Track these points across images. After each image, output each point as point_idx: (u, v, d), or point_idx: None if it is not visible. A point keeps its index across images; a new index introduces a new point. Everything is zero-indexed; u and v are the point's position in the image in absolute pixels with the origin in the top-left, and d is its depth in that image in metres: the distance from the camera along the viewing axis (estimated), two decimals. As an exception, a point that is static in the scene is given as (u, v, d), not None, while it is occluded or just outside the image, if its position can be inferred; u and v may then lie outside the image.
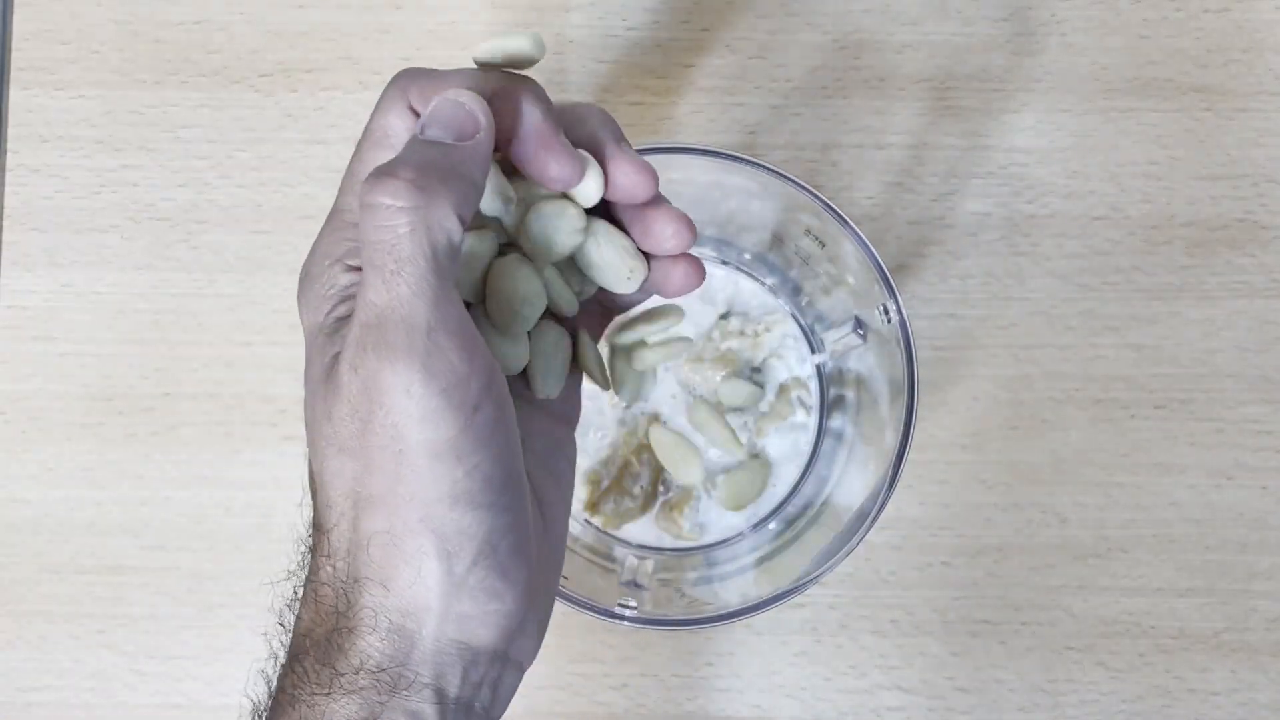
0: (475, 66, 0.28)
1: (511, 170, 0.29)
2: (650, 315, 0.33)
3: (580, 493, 0.42)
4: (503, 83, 0.28)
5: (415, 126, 0.27)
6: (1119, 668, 0.44)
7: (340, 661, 0.25)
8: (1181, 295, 0.45)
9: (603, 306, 0.31)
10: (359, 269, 0.27)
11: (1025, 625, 0.44)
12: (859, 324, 0.38)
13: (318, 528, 0.27)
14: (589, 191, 0.28)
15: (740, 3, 0.45)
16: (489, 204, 0.28)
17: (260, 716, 0.27)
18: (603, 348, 0.33)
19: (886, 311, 0.35)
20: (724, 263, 0.43)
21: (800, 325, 0.42)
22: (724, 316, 0.43)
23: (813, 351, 0.42)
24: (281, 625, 0.28)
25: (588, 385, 0.31)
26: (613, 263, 0.29)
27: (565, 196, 0.29)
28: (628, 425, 0.42)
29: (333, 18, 0.45)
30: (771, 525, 0.42)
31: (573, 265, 0.30)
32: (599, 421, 0.42)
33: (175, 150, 0.45)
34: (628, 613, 0.35)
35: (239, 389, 0.45)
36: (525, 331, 0.29)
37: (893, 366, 0.36)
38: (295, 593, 0.27)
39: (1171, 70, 0.45)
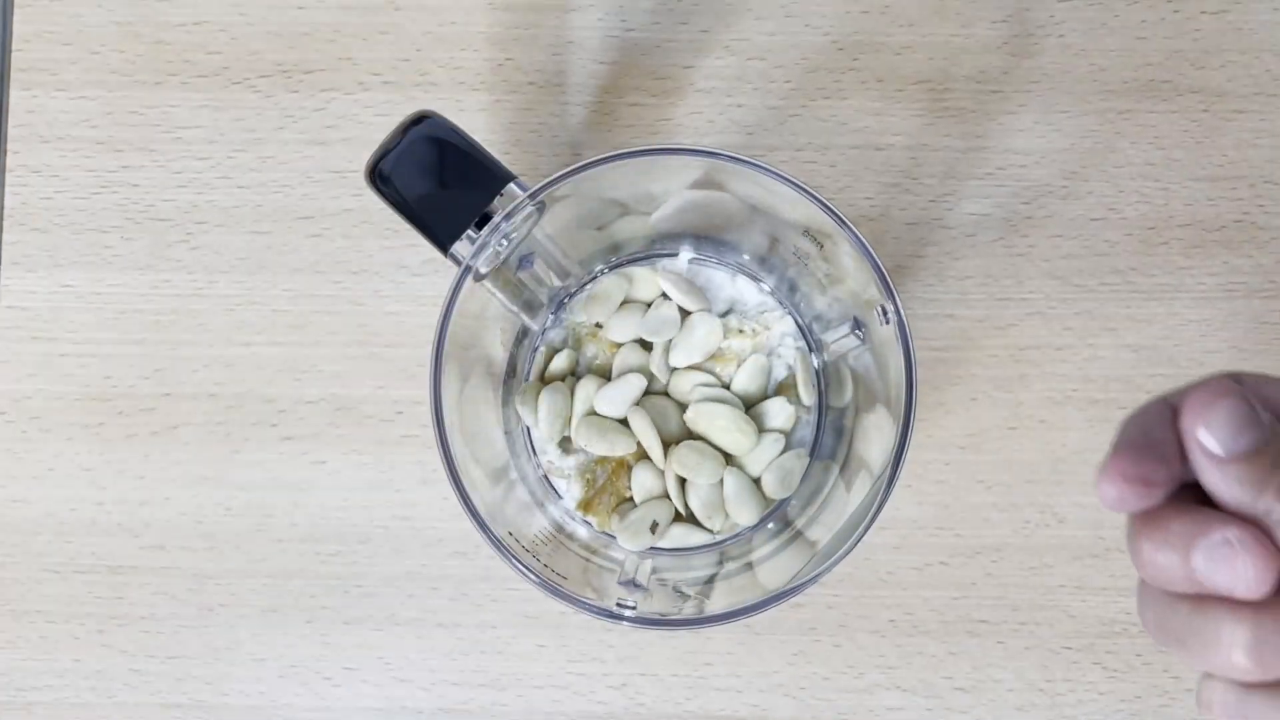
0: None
1: None
2: None
3: (574, 490, 0.42)
4: None
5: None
6: (1117, 667, 0.44)
7: None
8: (1179, 296, 0.45)
9: None
10: None
11: (1023, 625, 0.44)
12: (857, 325, 0.38)
13: None
14: None
15: (739, 4, 0.45)
16: None
17: None
18: None
19: (885, 312, 0.35)
20: (722, 264, 0.43)
21: (799, 325, 0.42)
22: (723, 315, 0.43)
23: (811, 352, 0.42)
24: None
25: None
26: None
27: None
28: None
29: (333, 18, 0.46)
30: (771, 525, 0.42)
31: None
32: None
33: (175, 151, 0.45)
34: (627, 612, 0.35)
35: (239, 389, 0.45)
36: None
37: (891, 367, 0.36)
38: None
39: (1169, 71, 0.45)
